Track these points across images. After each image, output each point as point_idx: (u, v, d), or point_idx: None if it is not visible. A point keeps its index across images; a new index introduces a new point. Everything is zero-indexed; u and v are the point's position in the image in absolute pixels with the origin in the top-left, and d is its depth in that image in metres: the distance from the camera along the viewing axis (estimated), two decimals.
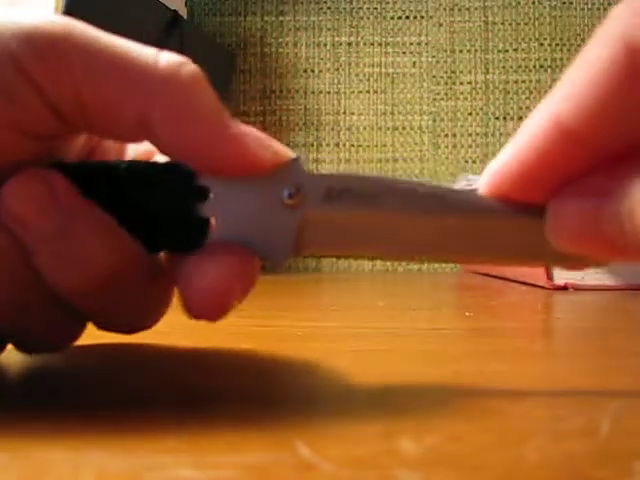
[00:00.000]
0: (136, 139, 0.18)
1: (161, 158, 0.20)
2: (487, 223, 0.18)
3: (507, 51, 0.94)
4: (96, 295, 0.18)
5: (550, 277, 0.54)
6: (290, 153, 0.18)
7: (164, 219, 0.18)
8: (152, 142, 0.18)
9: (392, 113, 0.94)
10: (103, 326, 0.20)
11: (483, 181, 0.18)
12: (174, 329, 0.31)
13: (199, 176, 0.18)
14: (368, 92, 0.94)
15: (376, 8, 0.95)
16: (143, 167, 0.18)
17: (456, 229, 0.18)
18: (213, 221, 0.18)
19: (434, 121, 0.94)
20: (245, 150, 0.17)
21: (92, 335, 0.21)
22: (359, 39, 0.94)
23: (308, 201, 0.18)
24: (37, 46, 0.16)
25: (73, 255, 0.17)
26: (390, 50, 0.94)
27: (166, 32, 0.74)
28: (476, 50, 0.94)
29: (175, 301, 0.21)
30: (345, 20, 0.95)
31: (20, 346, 0.20)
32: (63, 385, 0.20)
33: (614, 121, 0.15)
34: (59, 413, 0.16)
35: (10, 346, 0.20)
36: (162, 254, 0.20)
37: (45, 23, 0.16)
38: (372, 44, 0.94)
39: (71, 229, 0.17)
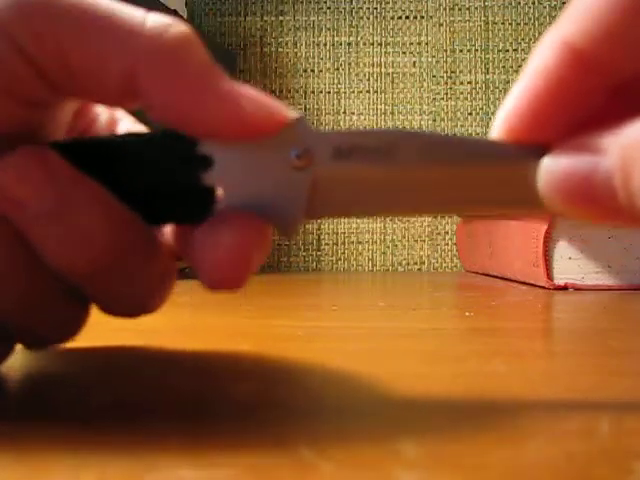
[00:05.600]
0: (123, 102, 0.17)
1: None
2: (503, 169, 0.17)
3: (507, 51, 0.94)
4: (99, 274, 0.17)
5: (550, 277, 0.54)
6: (291, 113, 0.17)
7: (166, 191, 0.18)
8: (142, 106, 0.17)
9: (392, 113, 0.94)
10: (108, 309, 0.20)
11: (497, 124, 0.17)
12: (172, 329, 0.31)
13: (200, 144, 0.17)
14: (368, 92, 0.94)
15: (376, 8, 0.95)
16: (139, 139, 0.18)
17: (471, 177, 0.17)
18: (219, 190, 0.17)
19: (434, 121, 0.94)
20: (238, 110, 0.17)
21: (92, 337, 0.21)
22: (359, 39, 0.94)
23: (317, 161, 0.17)
24: (21, 9, 0.16)
25: (73, 235, 0.17)
26: (390, 50, 0.94)
27: None
28: (476, 50, 0.94)
29: (172, 301, 0.21)
30: (345, 20, 0.95)
31: (27, 342, 0.20)
32: (63, 388, 0.20)
33: (629, 42, 0.14)
34: (59, 416, 0.16)
35: None
36: (168, 229, 0.20)
37: None
38: (372, 44, 0.94)
39: (69, 208, 0.17)
